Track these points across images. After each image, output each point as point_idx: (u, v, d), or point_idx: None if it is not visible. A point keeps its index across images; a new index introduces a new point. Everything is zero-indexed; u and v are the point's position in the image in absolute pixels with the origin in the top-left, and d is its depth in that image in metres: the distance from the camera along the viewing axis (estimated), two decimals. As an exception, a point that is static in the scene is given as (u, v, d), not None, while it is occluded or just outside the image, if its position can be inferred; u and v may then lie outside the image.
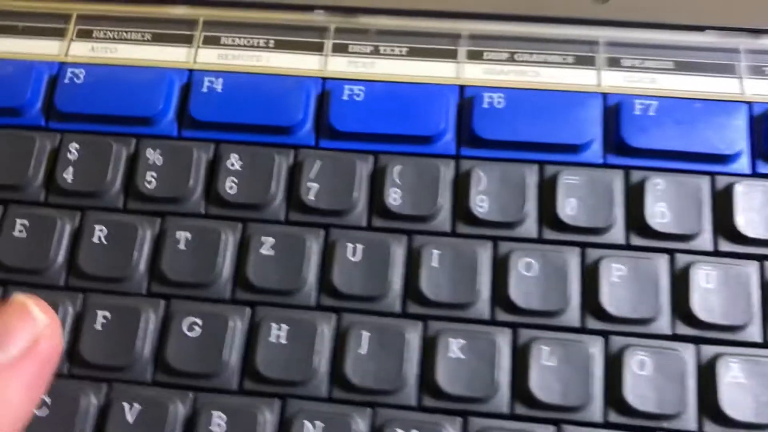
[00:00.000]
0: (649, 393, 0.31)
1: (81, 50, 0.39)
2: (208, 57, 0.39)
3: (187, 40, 0.39)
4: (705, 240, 0.34)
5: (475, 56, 0.38)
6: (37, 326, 0.29)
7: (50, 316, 0.29)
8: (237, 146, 0.36)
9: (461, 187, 0.35)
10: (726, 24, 0.38)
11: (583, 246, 0.34)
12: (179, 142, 0.36)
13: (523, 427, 0.32)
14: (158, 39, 0.39)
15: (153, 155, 0.36)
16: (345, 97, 0.36)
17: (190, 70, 0.38)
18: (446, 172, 0.35)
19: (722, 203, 0.34)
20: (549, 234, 0.34)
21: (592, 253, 0.34)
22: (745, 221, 0.33)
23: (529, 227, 0.34)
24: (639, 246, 0.34)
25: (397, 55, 0.38)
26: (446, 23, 0.39)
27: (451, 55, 0.38)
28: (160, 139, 0.37)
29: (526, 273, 0.33)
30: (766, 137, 0.35)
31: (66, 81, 0.38)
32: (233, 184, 0.35)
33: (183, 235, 0.35)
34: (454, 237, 0.34)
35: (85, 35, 0.40)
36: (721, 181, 0.35)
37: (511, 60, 0.37)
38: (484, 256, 0.34)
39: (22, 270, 0.35)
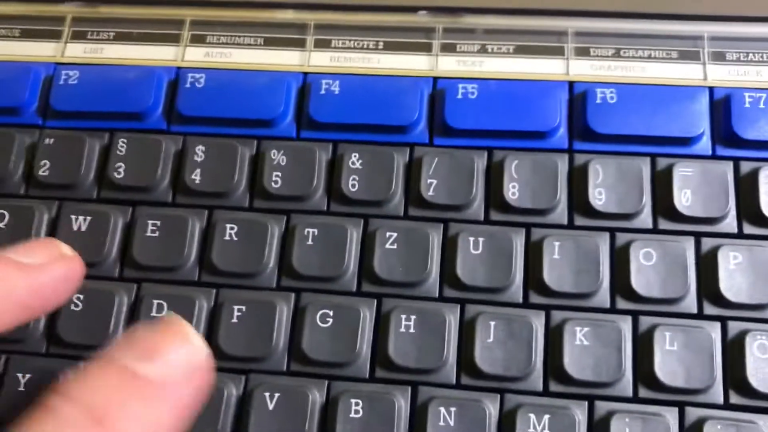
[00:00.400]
0: (772, 375, 0.33)
1: (196, 55, 0.41)
2: (321, 60, 0.40)
3: (299, 44, 0.41)
4: (819, 227, 0.35)
5: (582, 53, 0.39)
6: (195, 352, 0.28)
7: (207, 348, 0.28)
8: (355, 145, 0.38)
9: (578, 180, 0.36)
10: (827, 14, 0.39)
11: (698, 235, 0.35)
12: (300, 143, 0.38)
13: (647, 409, 0.33)
14: (270, 43, 0.41)
15: (277, 156, 0.37)
16: (459, 96, 0.38)
17: (305, 73, 0.40)
18: (562, 165, 0.37)
19: (837, 193, 0.35)
20: (665, 224, 0.36)
21: (707, 242, 0.35)
22: None
23: (646, 218, 0.36)
24: (753, 234, 0.35)
25: (504, 53, 0.40)
26: (551, 21, 0.40)
27: (558, 52, 0.39)
28: (282, 141, 0.38)
29: (646, 263, 0.34)
30: None
31: (187, 86, 0.40)
32: (355, 182, 0.37)
33: (310, 231, 0.36)
34: (572, 229, 0.36)
35: (199, 40, 0.41)
36: (835, 170, 0.35)
37: (617, 56, 0.39)
38: (604, 246, 0.35)
39: (157, 268, 0.37)
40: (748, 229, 0.35)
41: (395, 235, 0.36)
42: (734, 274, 0.34)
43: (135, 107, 0.39)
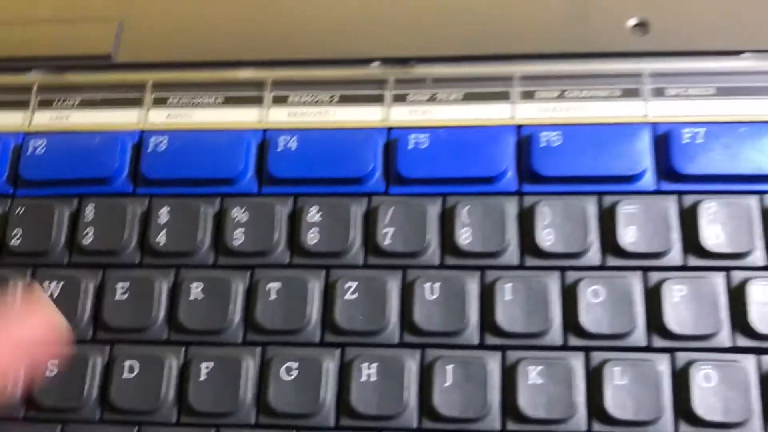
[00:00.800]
0: (716, 404, 0.34)
1: (159, 117, 0.43)
2: (279, 116, 0.42)
3: (257, 101, 0.42)
4: (758, 256, 0.36)
5: (527, 96, 0.40)
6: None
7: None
8: (314, 198, 0.39)
9: (526, 222, 0.38)
10: (762, 47, 0.40)
11: (645, 270, 0.36)
12: (261, 199, 0.40)
13: (594, 444, 0.34)
14: (230, 102, 0.43)
15: (239, 213, 0.39)
16: (411, 146, 0.39)
17: (264, 130, 0.41)
18: (511, 208, 0.38)
19: (772, 220, 0.36)
20: (612, 261, 0.37)
21: (653, 277, 0.36)
22: (795, 235, 0.36)
23: (593, 256, 0.37)
24: (696, 266, 0.36)
25: (454, 101, 0.41)
26: (497, 67, 0.41)
27: (504, 96, 0.41)
28: (243, 197, 0.40)
29: (594, 300, 0.36)
30: (809, 154, 0.37)
31: (149, 150, 0.41)
32: (315, 235, 0.38)
33: (273, 286, 0.38)
34: (523, 270, 0.37)
35: (160, 102, 0.43)
36: (769, 199, 0.37)
37: (562, 97, 0.40)
38: (554, 286, 0.36)
39: (127, 329, 0.38)
40: (692, 261, 0.36)
41: (355, 284, 0.37)
42: (679, 306, 0.35)
43: (101, 173, 0.41)
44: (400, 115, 0.41)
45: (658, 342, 0.35)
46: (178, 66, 0.44)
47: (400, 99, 0.41)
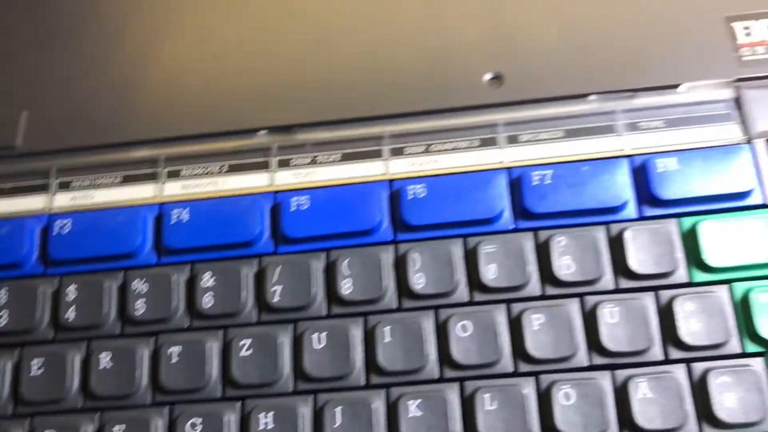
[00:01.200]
0: (575, 419, 0.38)
1: (64, 201, 0.46)
2: (173, 189, 0.45)
3: (152, 177, 0.46)
4: (607, 281, 0.40)
5: (397, 153, 0.44)
6: None
7: None
8: (208, 264, 0.43)
9: (401, 268, 0.41)
10: (605, 89, 0.45)
11: (507, 302, 0.40)
12: (159, 269, 0.43)
13: (480, 465, 0.38)
14: (128, 180, 0.46)
15: (139, 285, 0.43)
16: (293, 208, 0.43)
17: (160, 204, 0.45)
18: (387, 257, 0.42)
19: (617, 247, 0.40)
20: (478, 296, 0.41)
21: (515, 308, 0.40)
22: (637, 260, 0.40)
23: (462, 293, 0.41)
24: (553, 295, 0.40)
25: (332, 162, 0.45)
26: (369, 128, 0.45)
27: (377, 154, 0.45)
28: (143, 269, 0.43)
29: (463, 334, 0.40)
30: (648, 185, 0.41)
31: (55, 233, 0.44)
32: (209, 299, 0.42)
33: (174, 350, 0.41)
34: (401, 312, 0.41)
35: (65, 186, 0.46)
36: (614, 229, 0.41)
37: (427, 151, 0.44)
38: (428, 324, 0.40)
39: (43, 402, 0.41)
40: (549, 290, 0.40)
41: (249, 341, 0.41)
42: (539, 333, 0.39)
43: (12, 258, 0.44)
44: (285, 179, 0.45)
45: (524, 367, 0.39)
46: (80, 150, 0.47)
47: (284, 164, 0.45)
